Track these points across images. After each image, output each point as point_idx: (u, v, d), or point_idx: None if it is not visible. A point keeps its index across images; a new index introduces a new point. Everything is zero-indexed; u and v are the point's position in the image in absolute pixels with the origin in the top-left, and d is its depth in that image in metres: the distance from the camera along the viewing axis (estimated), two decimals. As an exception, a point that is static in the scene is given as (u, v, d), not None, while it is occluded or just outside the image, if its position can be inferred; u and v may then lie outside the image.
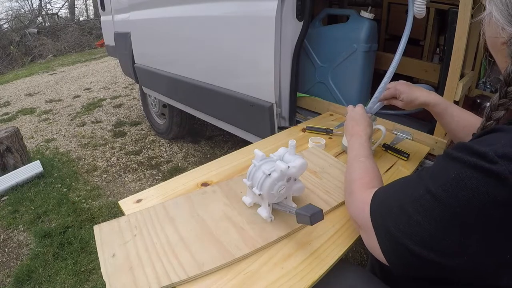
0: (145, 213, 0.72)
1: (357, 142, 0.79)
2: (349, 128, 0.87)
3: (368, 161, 0.71)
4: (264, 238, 0.65)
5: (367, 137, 0.81)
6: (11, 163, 2.32)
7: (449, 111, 0.83)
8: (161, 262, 0.59)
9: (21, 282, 1.49)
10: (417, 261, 0.45)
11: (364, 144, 0.78)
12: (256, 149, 0.71)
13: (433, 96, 0.85)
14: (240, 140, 1.92)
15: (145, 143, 2.83)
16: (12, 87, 5.29)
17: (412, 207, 0.45)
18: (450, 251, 0.42)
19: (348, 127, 0.88)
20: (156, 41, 2.05)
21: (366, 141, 0.79)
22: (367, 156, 0.73)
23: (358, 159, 0.72)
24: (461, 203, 0.40)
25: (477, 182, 0.39)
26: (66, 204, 2.02)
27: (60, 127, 3.35)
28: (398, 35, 1.96)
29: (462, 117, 0.82)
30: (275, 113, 1.36)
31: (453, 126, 0.83)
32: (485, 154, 0.39)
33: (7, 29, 9.38)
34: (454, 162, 0.43)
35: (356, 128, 0.85)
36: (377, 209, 0.53)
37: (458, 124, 0.82)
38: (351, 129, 0.86)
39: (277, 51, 1.25)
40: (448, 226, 0.41)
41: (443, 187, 0.42)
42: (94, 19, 10.00)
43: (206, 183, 0.85)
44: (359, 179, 0.65)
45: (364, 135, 0.81)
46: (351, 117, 0.88)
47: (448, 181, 0.42)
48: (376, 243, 0.51)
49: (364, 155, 0.73)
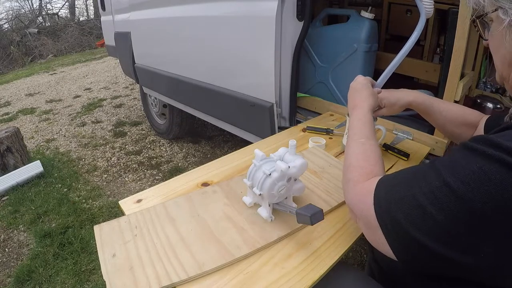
0: (145, 213, 0.72)
1: (357, 118, 0.72)
2: (350, 100, 0.80)
3: (369, 143, 0.65)
4: (264, 238, 0.65)
5: (368, 108, 0.74)
6: (12, 163, 2.32)
7: (435, 106, 0.82)
8: (162, 262, 0.59)
9: (21, 282, 1.49)
10: (427, 256, 0.43)
11: (365, 119, 0.71)
12: (256, 149, 0.71)
13: (415, 94, 0.84)
14: (240, 140, 1.92)
15: (146, 143, 2.83)
16: (13, 87, 5.29)
17: (426, 198, 0.42)
18: (464, 248, 0.40)
19: (349, 99, 0.81)
20: (157, 41, 2.05)
21: (367, 115, 0.72)
22: (368, 137, 0.66)
23: (358, 140, 0.66)
24: (482, 198, 0.37)
25: (501, 176, 0.37)
26: (67, 204, 2.02)
27: (61, 127, 3.35)
28: (398, 35, 1.98)
29: (448, 110, 0.81)
30: (275, 113, 1.36)
31: (442, 121, 0.82)
32: (510, 149, 0.37)
33: (7, 29, 9.39)
34: (475, 155, 0.40)
35: (357, 98, 0.78)
36: (384, 198, 0.49)
37: (446, 118, 0.81)
38: (351, 101, 0.79)
39: (277, 51, 1.25)
40: (466, 221, 0.39)
41: (462, 180, 0.39)
42: (94, 19, 10.00)
43: (207, 183, 0.85)
44: (359, 166, 0.60)
45: (366, 106, 0.74)
46: (352, 88, 0.82)
47: (469, 174, 0.39)
48: (380, 234, 0.48)
49: (365, 135, 0.67)
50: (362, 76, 0.84)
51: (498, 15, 0.48)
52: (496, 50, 0.52)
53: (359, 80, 0.82)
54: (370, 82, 0.82)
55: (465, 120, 0.79)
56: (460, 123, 0.79)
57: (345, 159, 0.65)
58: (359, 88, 0.80)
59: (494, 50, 0.53)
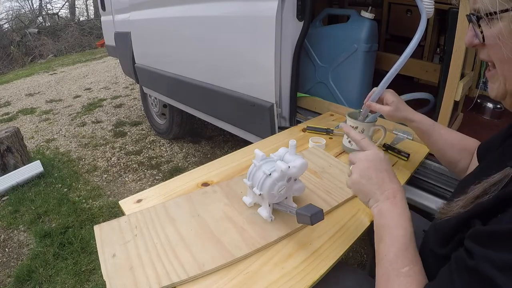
0: (145, 213, 0.72)
1: (397, 220, 0.50)
2: (372, 179, 0.54)
3: (414, 270, 0.45)
4: (265, 238, 0.65)
5: (405, 201, 0.53)
6: (12, 163, 2.32)
7: (436, 128, 0.80)
8: (162, 262, 0.59)
9: (22, 282, 1.49)
10: None
11: (407, 224, 0.49)
12: (257, 149, 0.71)
13: (418, 115, 0.82)
14: (240, 140, 1.92)
15: (146, 143, 2.83)
16: (13, 87, 5.29)
17: None
18: None
19: (367, 176, 0.55)
20: (157, 41, 2.05)
21: (407, 213, 0.51)
22: (412, 261, 0.46)
23: (399, 268, 0.45)
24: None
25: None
26: (67, 204, 2.02)
27: (61, 127, 3.35)
28: (398, 35, 1.99)
29: (450, 135, 0.79)
30: (275, 113, 1.36)
31: (441, 145, 0.79)
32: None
33: (7, 29, 9.39)
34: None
35: (387, 181, 0.54)
36: None
37: (446, 142, 0.78)
38: (377, 181, 0.54)
39: (277, 51, 1.25)
40: None
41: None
42: (94, 19, 10.01)
43: (207, 183, 0.85)
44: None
45: (401, 199, 0.52)
46: (366, 159, 0.56)
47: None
48: None
49: (409, 257, 0.46)
50: (376, 148, 0.59)
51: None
52: (510, 58, 0.42)
53: (377, 153, 0.57)
54: None
55: (465, 146, 0.76)
56: (461, 149, 0.76)
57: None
58: (384, 167, 0.55)
59: (502, 59, 0.43)
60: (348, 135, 0.67)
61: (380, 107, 0.85)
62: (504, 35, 0.42)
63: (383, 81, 0.84)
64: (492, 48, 0.44)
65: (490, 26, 0.43)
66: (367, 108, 0.88)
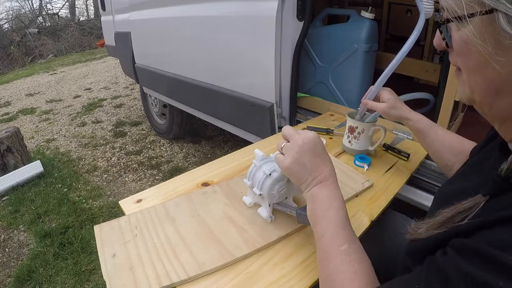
0: (145, 213, 0.72)
1: (329, 202, 0.52)
2: (305, 164, 0.55)
3: (353, 248, 0.48)
4: (265, 238, 0.65)
5: (336, 183, 0.55)
6: (12, 163, 2.32)
7: (434, 129, 0.79)
8: (162, 262, 0.59)
9: (22, 282, 1.49)
10: None
11: (339, 204, 0.52)
12: (257, 149, 0.71)
13: (416, 114, 0.81)
14: (240, 140, 1.92)
15: (146, 143, 2.83)
16: (13, 87, 5.29)
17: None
18: None
19: (301, 162, 0.55)
20: (157, 41, 2.05)
21: (339, 194, 0.54)
22: (349, 239, 0.49)
23: (338, 247, 0.48)
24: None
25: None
26: (67, 204, 2.02)
27: (61, 127, 3.35)
28: (398, 35, 1.99)
29: (447, 137, 0.77)
30: (275, 113, 1.36)
31: (438, 146, 0.77)
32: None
33: (7, 29, 9.40)
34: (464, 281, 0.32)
35: (320, 166, 0.55)
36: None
37: (444, 143, 0.76)
38: (310, 166, 0.55)
39: (277, 51, 1.25)
40: None
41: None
42: (94, 19, 10.01)
43: (207, 183, 0.85)
44: (347, 284, 0.46)
45: (332, 182, 0.55)
46: (303, 144, 0.55)
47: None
48: None
49: (346, 235, 0.50)
50: (310, 131, 0.61)
51: (493, 20, 0.33)
52: (477, 67, 0.37)
53: (311, 137, 0.56)
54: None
55: (463, 149, 0.73)
56: (458, 151, 0.74)
57: (323, 272, 0.49)
58: (318, 150, 0.56)
59: (474, 68, 0.38)
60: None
61: (376, 104, 0.84)
62: (471, 41, 0.36)
63: (379, 79, 0.84)
64: (459, 54, 0.39)
65: (458, 28, 0.38)
66: (364, 106, 0.88)
